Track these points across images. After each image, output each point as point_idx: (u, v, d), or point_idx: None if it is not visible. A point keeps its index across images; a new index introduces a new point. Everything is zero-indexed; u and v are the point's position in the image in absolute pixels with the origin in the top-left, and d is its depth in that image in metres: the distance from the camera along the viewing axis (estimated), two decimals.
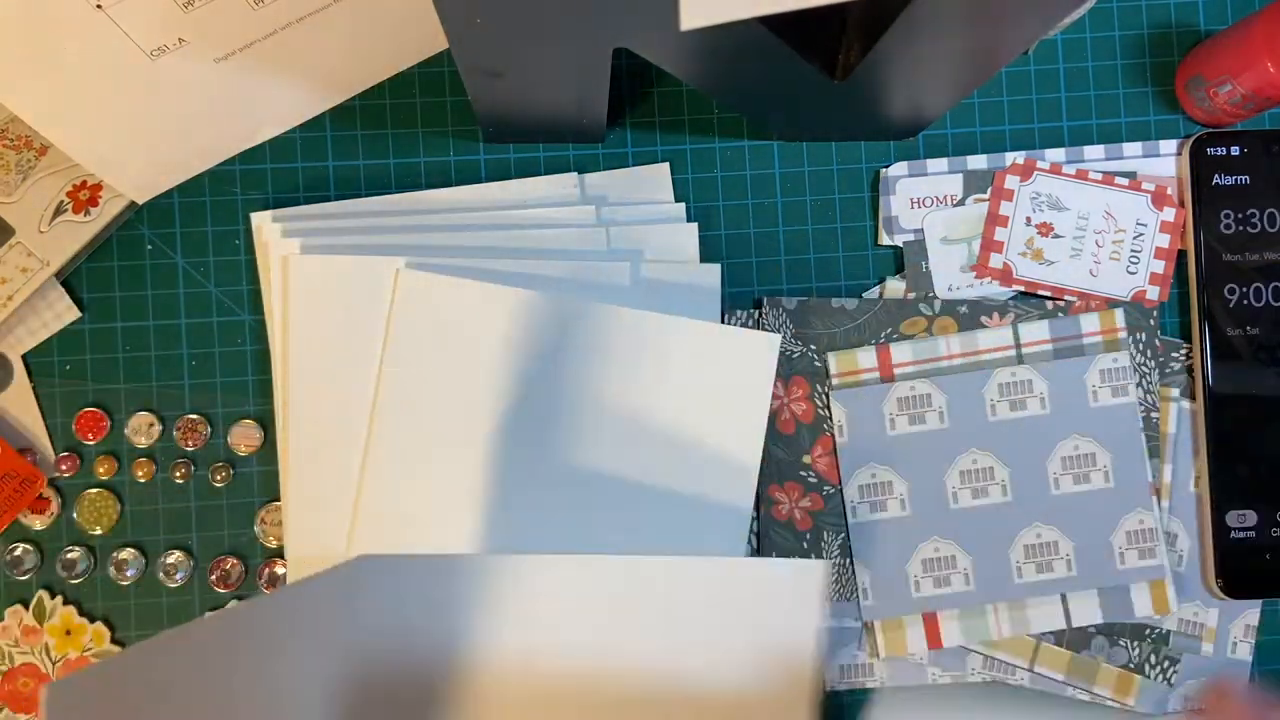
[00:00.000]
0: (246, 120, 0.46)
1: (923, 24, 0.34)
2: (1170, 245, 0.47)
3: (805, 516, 0.45)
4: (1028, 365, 0.45)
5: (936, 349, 0.45)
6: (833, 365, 0.45)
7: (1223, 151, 0.47)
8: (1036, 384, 0.45)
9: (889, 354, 0.45)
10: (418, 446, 0.43)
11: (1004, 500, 0.45)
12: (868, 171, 0.48)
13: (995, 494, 0.45)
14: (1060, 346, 0.46)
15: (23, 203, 0.44)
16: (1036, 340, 0.46)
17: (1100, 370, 0.45)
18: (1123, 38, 0.49)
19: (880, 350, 0.45)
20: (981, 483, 0.45)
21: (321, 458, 0.44)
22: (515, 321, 0.44)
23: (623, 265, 0.45)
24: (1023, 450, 0.45)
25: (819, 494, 0.45)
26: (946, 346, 0.45)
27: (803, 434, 0.46)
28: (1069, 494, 0.45)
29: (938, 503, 0.45)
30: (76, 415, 0.46)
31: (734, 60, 0.38)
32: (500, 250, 0.45)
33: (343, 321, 0.44)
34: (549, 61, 0.37)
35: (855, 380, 0.45)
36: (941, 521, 0.45)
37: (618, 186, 0.47)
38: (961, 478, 0.45)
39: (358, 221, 0.45)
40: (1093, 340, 0.46)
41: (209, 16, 0.38)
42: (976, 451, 0.45)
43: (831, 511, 0.45)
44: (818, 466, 0.45)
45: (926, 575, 0.45)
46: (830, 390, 0.45)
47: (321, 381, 0.44)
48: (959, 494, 0.45)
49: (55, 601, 0.45)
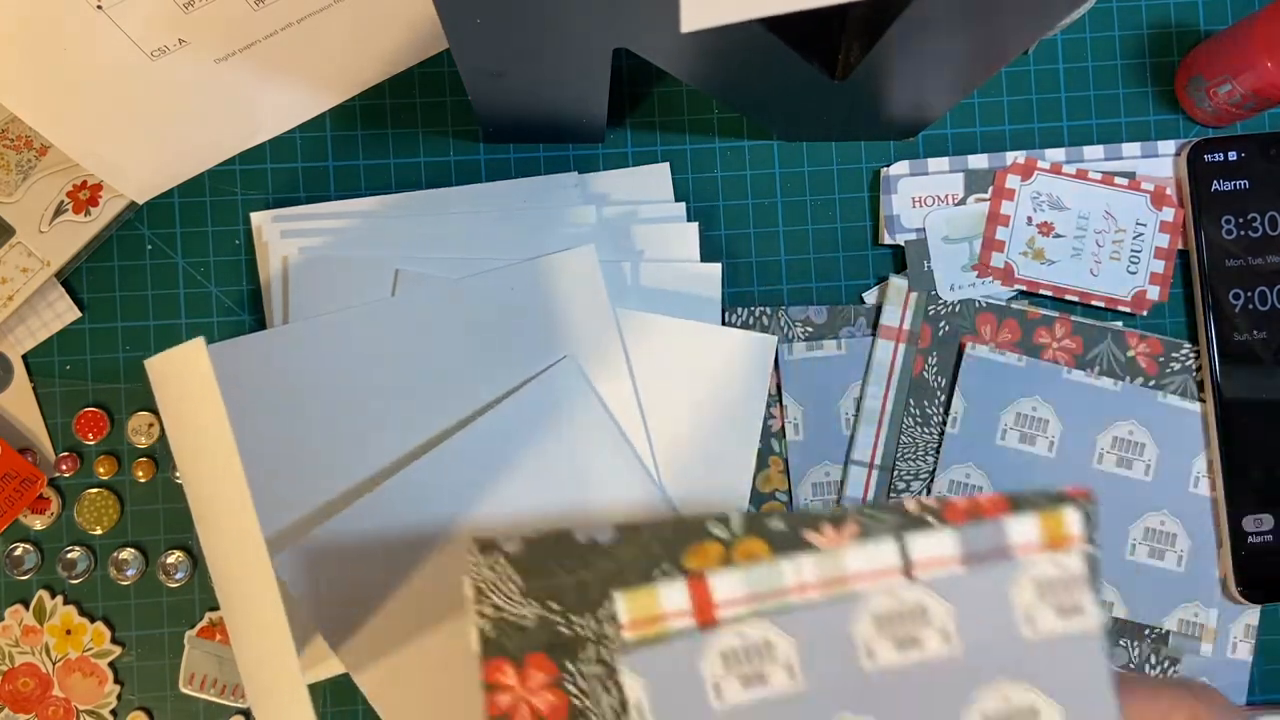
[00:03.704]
0: (247, 120, 0.46)
1: (923, 24, 0.34)
2: (1170, 245, 0.47)
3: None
4: (917, 586, 0.30)
5: (780, 577, 0.30)
6: (621, 612, 0.30)
7: (1220, 157, 0.47)
8: (933, 611, 0.30)
9: (705, 588, 0.30)
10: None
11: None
12: (868, 171, 0.48)
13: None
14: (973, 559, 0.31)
15: (23, 203, 0.44)
16: (936, 558, 0.30)
17: (1034, 580, 0.30)
18: (1123, 38, 0.49)
19: (693, 584, 0.30)
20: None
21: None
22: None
23: (623, 265, 0.45)
24: (924, 709, 0.30)
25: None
26: (796, 573, 0.30)
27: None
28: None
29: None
30: (77, 415, 0.46)
31: (734, 60, 0.38)
32: (500, 250, 0.45)
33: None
34: (549, 61, 0.37)
35: (657, 634, 0.30)
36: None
37: (618, 186, 0.47)
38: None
39: (358, 221, 0.45)
40: (1028, 555, 0.30)
41: (209, 17, 0.38)
42: (850, 717, 0.30)
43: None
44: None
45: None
46: (614, 654, 0.30)
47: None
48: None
49: (55, 601, 0.45)
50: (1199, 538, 0.46)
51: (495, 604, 0.30)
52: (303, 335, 0.43)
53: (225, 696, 0.45)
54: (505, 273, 0.44)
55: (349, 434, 0.43)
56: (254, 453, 0.42)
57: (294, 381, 0.43)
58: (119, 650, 0.46)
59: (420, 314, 0.44)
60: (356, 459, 0.43)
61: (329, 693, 0.46)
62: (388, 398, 0.43)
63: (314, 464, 0.43)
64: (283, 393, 0.43)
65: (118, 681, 0.46)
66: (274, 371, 0.43)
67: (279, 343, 0.43)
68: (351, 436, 0.43)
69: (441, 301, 0.44)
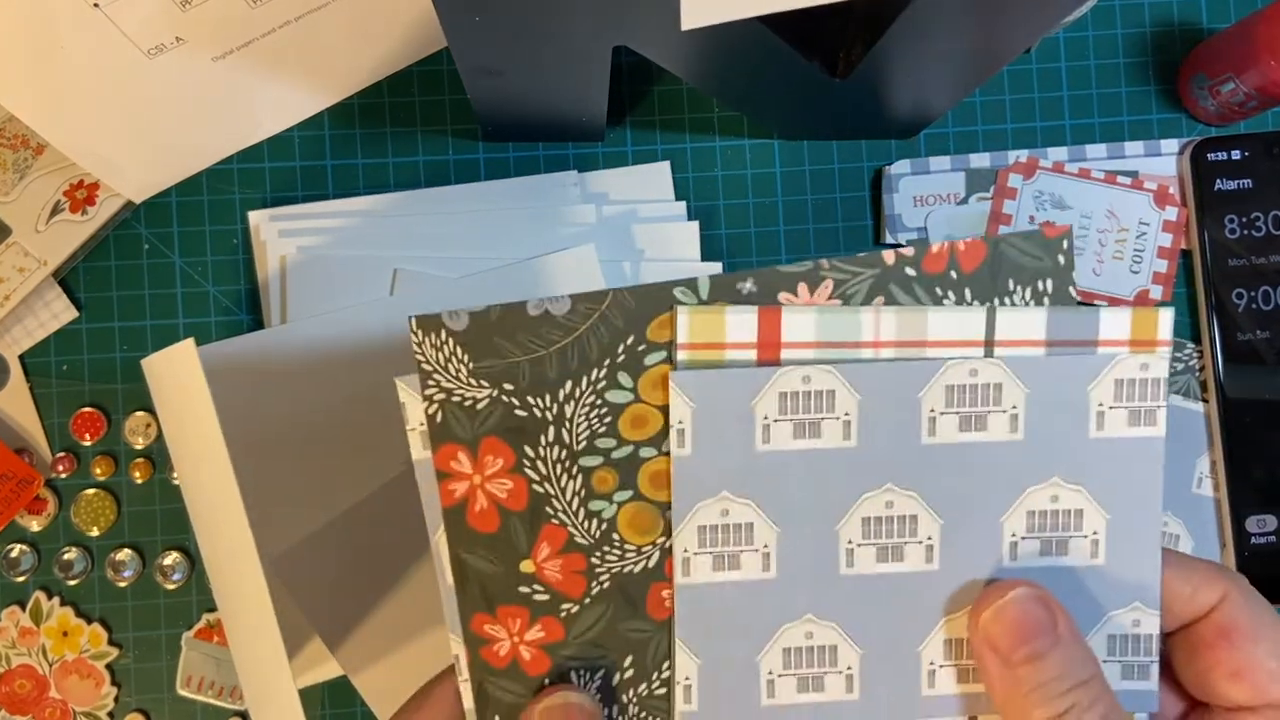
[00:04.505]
0: (244, 119, 0.45)
1: (924, 22, 0.33)
2: (1173, 244, 0.47)
3: (538, 655, 0.29)
4: (998, 362, 0.29)
5: (857, 327, 0.28)
6: (682, 329, 0.28)
7: (1223, 156, 0.46)
8: (1009, 391, 0.29)
9: (778, 323, 0.28)
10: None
11: (926, 568, 0.29)
12: (869, 170, 0.48)
13: (914, 558, 0.29)
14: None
15: (20, 202, 0.44)
16: (1020, 339, 0.29)
17: (1115, 380, 0.29)
18: (1125, 36, 0.49)
19: (764, 316, 0.28)
20: (895, 538, 0.29)
21: None
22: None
23: (623, 264, 0.45)
24: (968, 494, 0.29)
25: (554, 617, 0.29)
26: (875, 326, 0.28)
27: (514, 527, 0.29)
28: (1030, 568, 0.29)
29: (821, 563, 0.29)
30: (73, 415, 0.46)
31: (735, 59, 0.38)
32: (499, 250, 0.45)
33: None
34: (548, 60, 0.37)
35: (714, 358, 0.28)
36: (824, 592, 0.29)
37: (618, 185, 0.47)
38: (865, 528, 0.29)
39: (356, 221, 0.45)
40: (1111, 349, 0.29)
41: (207, 15, 0.38)
42: (895, 489, 0.29)
43: (580, 640, 0.29)
44: (546, 576, 0.29)
45: (788, 673, 0.29)
46: (674, 367, 0.28)
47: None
48: (857, 553, 0.29)
49: (52, 603, 0.45)
50: (1202, 538, 0.46)
51: (444, 386, 0.28)
52: (301, 335, 0.43)
53: (223, 699, 0.45)
54: (505, 272, 0.44)
55: (347, 434, 0.43)
56: (251, 453, 0.42)
57: (292, 381, 0.43)
58: (116, 652, 0.45)
59: (419, 313, 0.43)
60: (355, 459, 0.43)
61: (327, 695, 0.45)
62: (386, 398, 0.43)
63: (312, 464, 0.43)
64: (281, 392, 0.43)
65: (115, 683, 0.45)
66: (272, 371, 0.43)
67: (277, 342, 0.43)
68: (350, 436, 0.43)
69: (440, 301, 0.44)
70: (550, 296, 0.28)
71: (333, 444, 0.43)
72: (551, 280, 0.44)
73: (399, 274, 0.44)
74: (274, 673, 0.34)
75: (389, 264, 0.44)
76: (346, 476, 0.43)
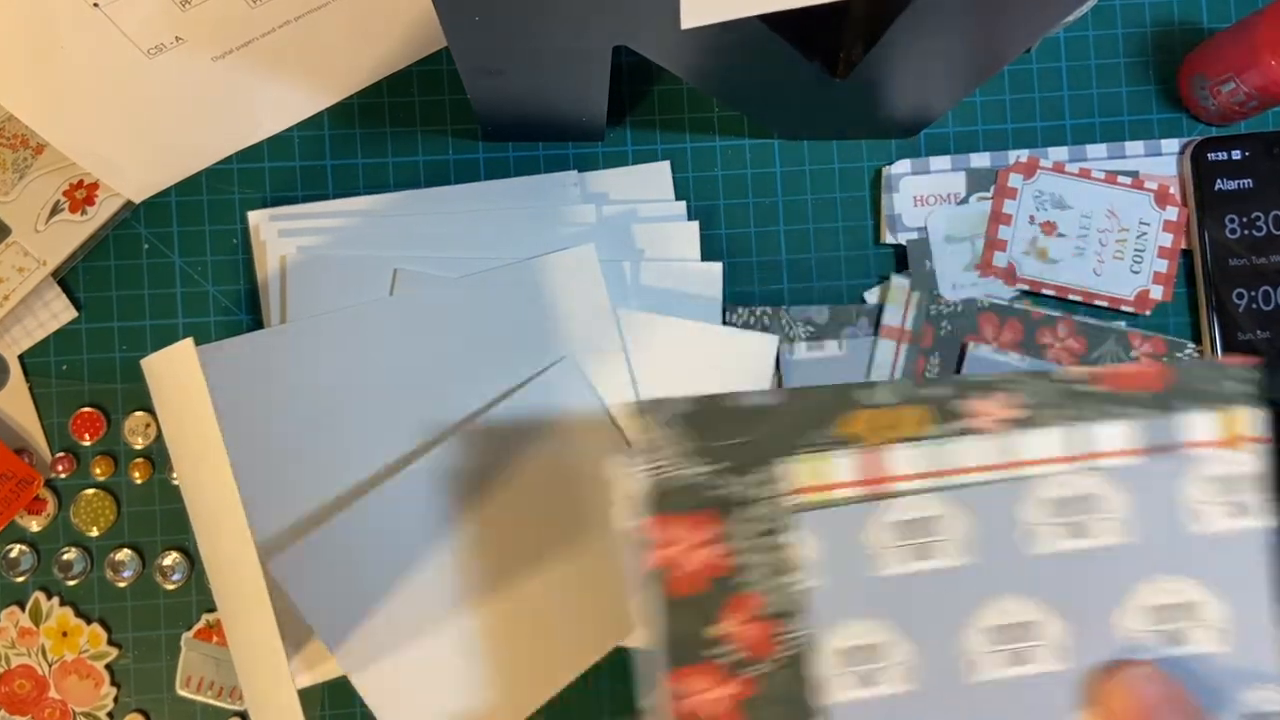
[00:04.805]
0: (244, 119, 0.45)
1: (924, 22, 0.33)
2: (1173, 244, 0.47)
3: (733, 710, 0.31)
4: (1097, 474, 0.32)
5: (955, 455, 0.31)
6: (797, 478, 0.31)
7: (1224, 156, 0.46)
8: (1106, 501, 0.32)
9: (879, 461, 0.32)
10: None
11: (1057, 668, 0.31)
12: (869, 170, 0.48)
13: (1043, 659, 0.31)
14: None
15: (19, 202, 0.44)
16: (1116, 448, 0.32)
17: (1204, 478, 0.31)
18: (1125, 36, 0.48)
19: (866, 458, 0.31)
20: (1018, 642, 0.31)
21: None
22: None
23: (623, 264, 0.45)
24: (1082, 596, 0.32)
25: (747, 675, 0.31)
26: (975, 452, 0.32)
27: (709, 594, 0.31)
28: (1159, 658, 0.31)
29: (950, 674, 0.31)
30: (73, 415, 0.46)
31: (735, 58, 0.38)
32: (499, 250, 0.45)
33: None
34: (548, 60, 0.37)
35: (825, 500, 0.32)
36: (956, 701, 0.31)
37: (618, 185, 0.47)
38: (989, 637, 0.31)
39: (356, 220, 0.45)
40: (1203, 451, 0.32)
41: (207, 15, 0.38)
42: (1009, 597, 0.32)
43: (776, 697, 0.31)
44: (737, 637, 0.31)
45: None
46: (782, 514, 0.32)
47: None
48: (982, 660, 0.31)
49: (52, 603, 0.45)
50: None
51: (659, 462, 0.31)
52: (300, 335, 0.43)
53: (222, 699, 0.45)
54: (505, 272, 0.44)
55: (347, 434, 0.43)
56: (252, 453, 0.42)
57: (292, 381, 0.43)
58: (115, 652, 0.45)
59: (418, 313, 0.43)
60: (355, 459, 0.43)
61: (327, 695, 0.45)
62: (386, 397, 0.43)
63: (312, 464, 0.43)
64: (280, 392, 0.43)
65: (114, 683, 0.45)
66: (272, 371, 0.43)
67: (276, 342, 0.43)
68: (349, 436, 0.43)
69: (440, 301, 0.44)
70: (762, 391, 0.32)
71: (332, 444, 0.43)
72: (552, 280, 0.44)
73: (399, 274, 0.44)
74: (274, 673, 0.34)
75: (389, 264, 0.44)
76: (346, 476, 0.43)
